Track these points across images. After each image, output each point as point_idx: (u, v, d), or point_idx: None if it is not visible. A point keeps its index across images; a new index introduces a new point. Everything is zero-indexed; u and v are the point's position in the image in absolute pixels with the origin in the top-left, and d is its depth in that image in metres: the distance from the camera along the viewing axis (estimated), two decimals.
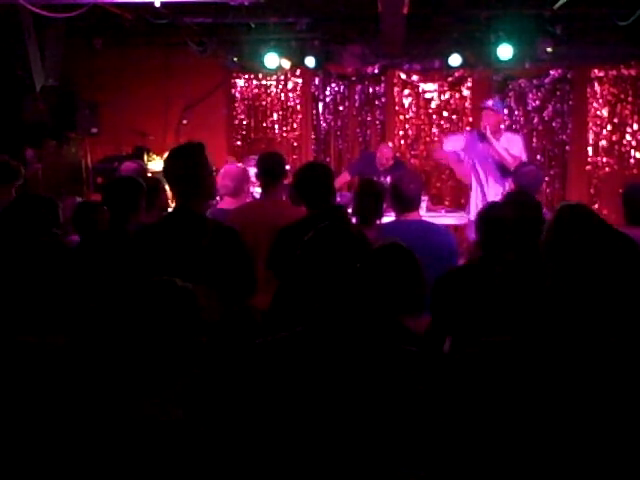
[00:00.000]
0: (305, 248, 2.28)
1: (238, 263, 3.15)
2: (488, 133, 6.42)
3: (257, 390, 1.97)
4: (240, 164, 6.33)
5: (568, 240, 2.07)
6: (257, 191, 6.44)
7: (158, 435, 1.70)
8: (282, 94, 9.38)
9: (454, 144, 6.83)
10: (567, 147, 9.01)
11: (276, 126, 9.42)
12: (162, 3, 6.34)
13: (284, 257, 3.46)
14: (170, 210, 4.11)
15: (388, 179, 7.28)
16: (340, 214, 3.65)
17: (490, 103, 6.68)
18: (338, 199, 6.04)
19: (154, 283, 1.85)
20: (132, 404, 1.75)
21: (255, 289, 3.27)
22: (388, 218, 4.46)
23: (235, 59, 8.64)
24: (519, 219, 3.36)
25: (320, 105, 9.38)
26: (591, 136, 8.88)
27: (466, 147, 6.69)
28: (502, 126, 6.79)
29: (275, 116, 9.41)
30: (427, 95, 9.18)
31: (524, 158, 6.57)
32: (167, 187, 3.80)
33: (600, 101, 8.89)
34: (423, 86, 9.16)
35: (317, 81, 9.31)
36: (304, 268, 2.27)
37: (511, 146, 6.44)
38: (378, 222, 4.19)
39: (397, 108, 9.19)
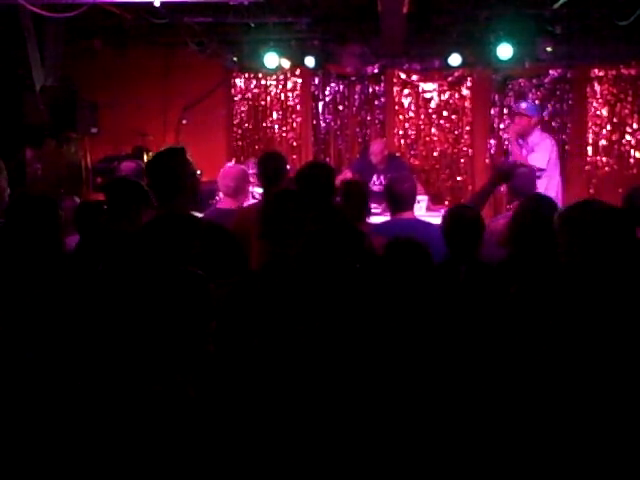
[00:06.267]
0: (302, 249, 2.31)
1: (231, 260, 3.12)
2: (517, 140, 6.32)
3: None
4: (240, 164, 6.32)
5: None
6: (257, 191, 6.45)
7: (172, 413, 1.78)
8: (282, 94, 9.38)
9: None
10: (567, 147, 9.00)
11: (276, 126, 9.42)
12: (162, 3, 6.33)
13: None
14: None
15: (382, 179, 7.31)
16: (341, 214, 3.66)
17: (523, 106, 6.62)
18: None
19: (170, 271, 1.92)
20: (147, 384, 1.81)
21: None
22: (384, 217, 4.48)
23: (235, 59, 8.63)
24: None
25: (320, 105, 9.37)
26: (591, 136, 8.88)
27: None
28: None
29: (275, 116, 9.41)
30: (427, 95, 9.18)
31: (544, 166, 6.24)
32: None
33: (600, 101, 8.89)
34: (423, 86, 9.16)
35: (317, 81, 9.31)
36: (301, 267, 2.31)
37: (537, 149, 6.31)
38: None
39: (397, 108, 9.19)
